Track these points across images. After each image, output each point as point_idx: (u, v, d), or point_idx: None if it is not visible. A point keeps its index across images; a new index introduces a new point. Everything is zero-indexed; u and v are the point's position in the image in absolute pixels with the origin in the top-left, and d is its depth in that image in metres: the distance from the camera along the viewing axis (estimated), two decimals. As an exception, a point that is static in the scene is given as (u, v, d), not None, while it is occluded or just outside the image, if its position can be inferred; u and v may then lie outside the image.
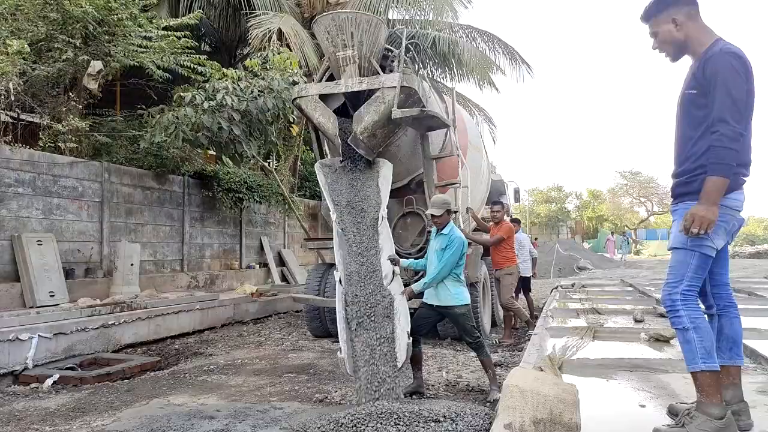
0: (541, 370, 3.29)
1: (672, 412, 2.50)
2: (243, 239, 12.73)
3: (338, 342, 7.02)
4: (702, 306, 2.46)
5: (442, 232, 4.51)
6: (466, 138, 8.19)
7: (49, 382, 5.24)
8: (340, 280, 4.81)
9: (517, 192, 13.75)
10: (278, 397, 4.65)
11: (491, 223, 7.36)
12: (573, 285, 10.69)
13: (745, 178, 2.38)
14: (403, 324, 4.41)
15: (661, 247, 35.96)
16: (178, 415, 4.04)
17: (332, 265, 7.03)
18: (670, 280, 2.39)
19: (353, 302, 4.63)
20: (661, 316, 5.96)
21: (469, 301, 4.51)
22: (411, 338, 4.32)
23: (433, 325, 4.64)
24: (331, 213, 5.54)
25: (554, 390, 2.68)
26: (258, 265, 13.02)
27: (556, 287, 10.23)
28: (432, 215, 4.53)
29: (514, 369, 3.13)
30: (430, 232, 7.00)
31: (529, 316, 7.34)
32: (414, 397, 4.43)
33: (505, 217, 7.42)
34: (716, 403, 2.24)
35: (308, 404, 4.34)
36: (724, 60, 2.30)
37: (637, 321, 5.69)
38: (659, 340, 4.55)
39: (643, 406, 2.81)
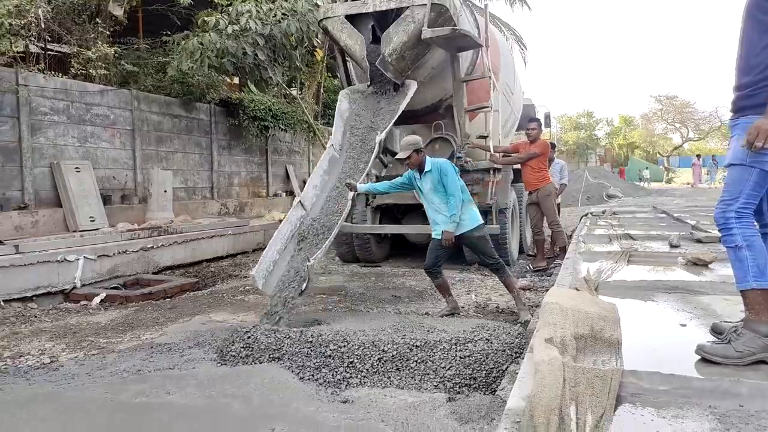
0: (578, 291, 3.29)
1: (716, 331, 2.48)
2: (269, 167, 12.80)
3: (367, 266, 7.22)
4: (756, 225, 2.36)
5: (426, 170, 4.36)
6: (498, 59, 7.82)
7: (97, 300, 5.53)
8: (300, 202, 4.86)
9: (547, 117, 13.24)
10: (314, 315, 4.80)
11: (526, 141, 7.07)
12: (603, 212, 10.52)
13: None
14: (321, 251, 4.49)
15: (695, 175, 34.86)
16: (220, 330, 4.23)
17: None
18: (726, 197, 2.29)
19: (312, 224, 4.69)
20: (699, 241, 5.84)
21: (482, 221, 4.47)
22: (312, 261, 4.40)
23: (448, 256, 4.62)
24: (332, 136, 5.56)
25: (594, 308, 2.68)
26: (284, 193, 13.16)
27: (586, 214, 10.09)
28: (401, 159, 4.39)
29: (551, 288, 3.13)
30: (456, 157, 6.91)
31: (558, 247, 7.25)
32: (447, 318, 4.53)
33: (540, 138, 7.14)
34: (765, 321, 2.21)
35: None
36: None
37: (673, 246, 5.57)
38: (697, 264, 4.47)
39: (684, 326, 2.80)
